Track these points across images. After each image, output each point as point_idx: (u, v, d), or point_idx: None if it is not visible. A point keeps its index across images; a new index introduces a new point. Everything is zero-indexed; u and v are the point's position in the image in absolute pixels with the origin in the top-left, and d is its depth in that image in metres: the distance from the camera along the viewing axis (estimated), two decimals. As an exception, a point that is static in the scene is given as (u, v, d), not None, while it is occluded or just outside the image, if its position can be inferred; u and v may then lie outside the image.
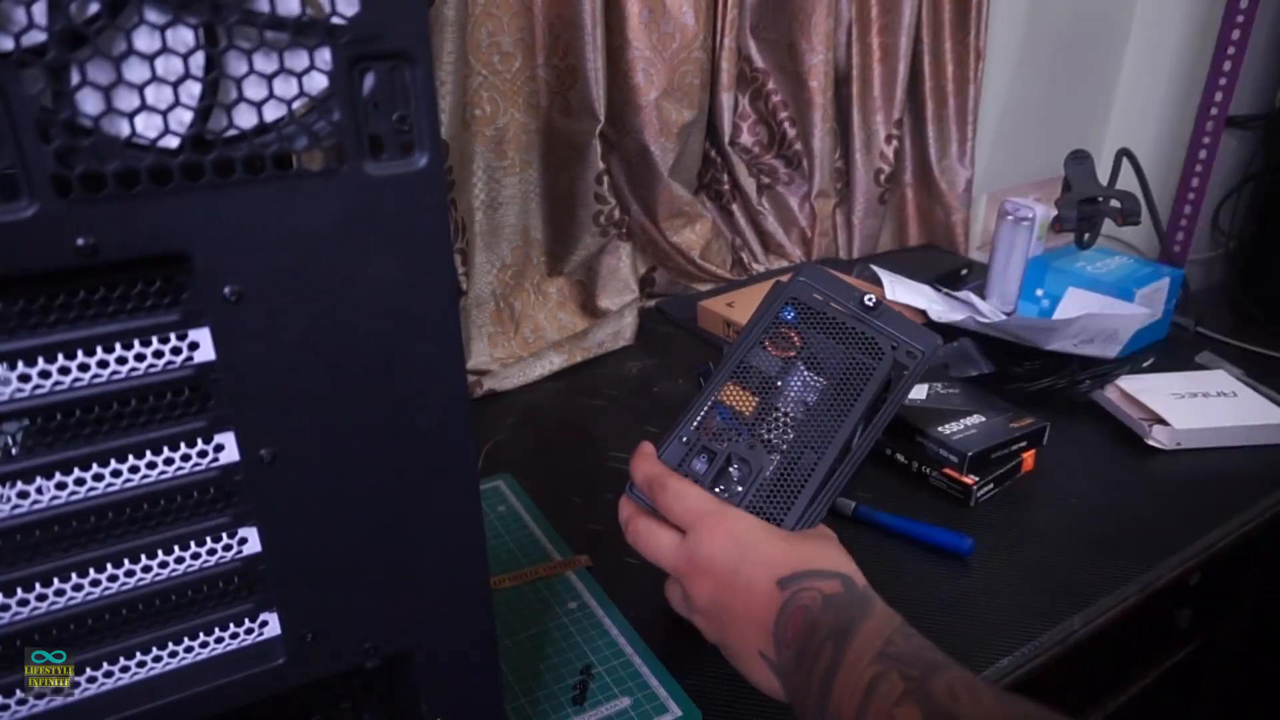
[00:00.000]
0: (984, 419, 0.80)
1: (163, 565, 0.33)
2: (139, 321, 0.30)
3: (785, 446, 0.53)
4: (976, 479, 0.76)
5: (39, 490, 0.30)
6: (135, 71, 0.27)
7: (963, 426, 0.79)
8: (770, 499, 0.51)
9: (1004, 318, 1.07)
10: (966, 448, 0.75)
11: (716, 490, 0.52)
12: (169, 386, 0.31)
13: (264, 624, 0.35)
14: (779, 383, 0.54)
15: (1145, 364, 1.00)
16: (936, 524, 0.73)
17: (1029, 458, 0.81)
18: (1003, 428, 0.79)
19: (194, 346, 0.30)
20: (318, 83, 0.29)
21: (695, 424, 0.55)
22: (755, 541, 0.47)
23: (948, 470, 0.77)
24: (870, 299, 0.55)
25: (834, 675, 0.40)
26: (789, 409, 0.53)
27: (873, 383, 0.53)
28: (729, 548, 0.47)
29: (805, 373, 0.54)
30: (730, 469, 0.53)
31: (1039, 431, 0.80)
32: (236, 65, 0.28)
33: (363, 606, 0.37)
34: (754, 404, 0.54)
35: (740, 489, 0.52)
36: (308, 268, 0.30)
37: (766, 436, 0.53)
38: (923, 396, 0.84)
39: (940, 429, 0.78)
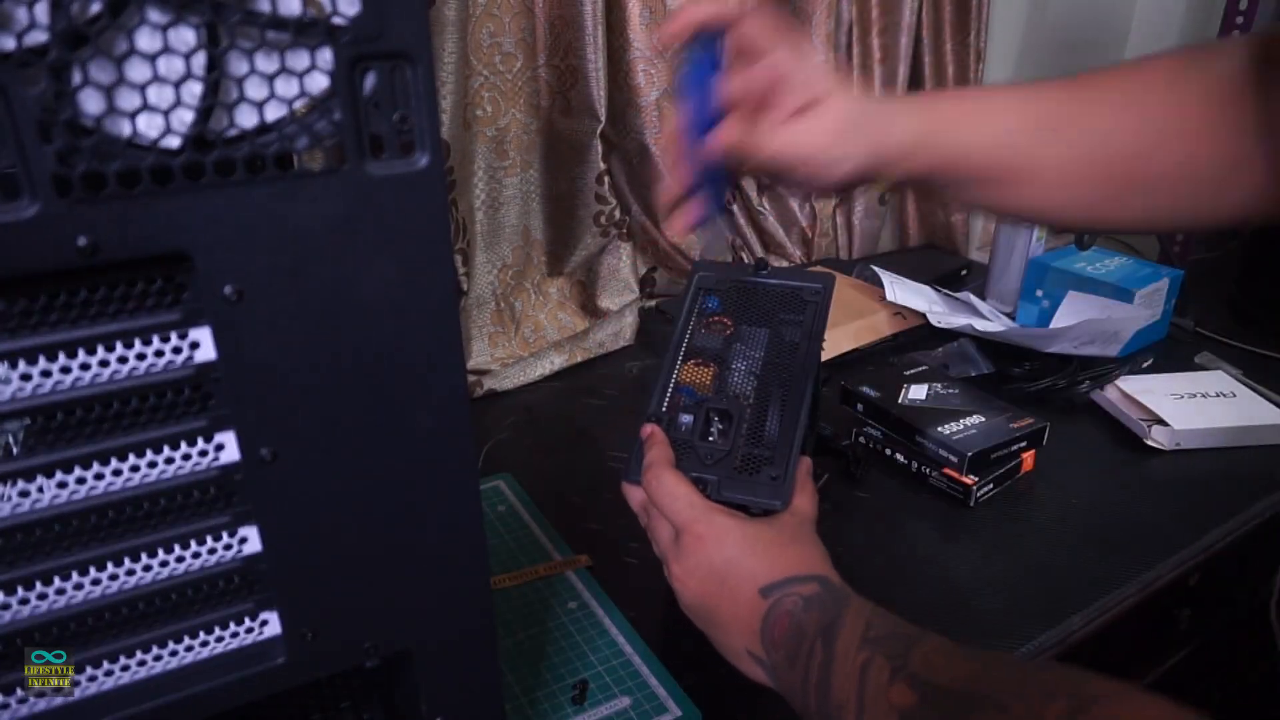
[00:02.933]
0: (984, 419, 0.80)
1: (163, 564, 0.33)
2: (140, 321, 0.30)
3: (752, 393, 0.58)
4: (976, 479, 0.76)
5: (40, 489, 0.30)
6: (137, 71, 0.27)
7: (962, 426, 0.79)
8: (758, 442, 0.56)
9: (1004, 320, 1.07)
10: (966, 448, 0.75)
11: (709, 439, 0.56)
12: (169, 386, 0.31)
13: (264, 623, 0.35)
14: (730, 347, 0.61)
15: (1145, 364, 1.00)
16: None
17: (1029, 458, 0.81)
18: (1003, 428, 0.79)
19: (194, 346, 0.30)
20: (319, 83, 0.29)
21: (664, 407, 0.59)
22: (740, 555, 0.49)
23: (948, 470, 0.77)
24: (761, 265, 0.64)
25: (830, 671, 0.42)
26: (746, 364, 0.60)
27: (806, 320, 0.61)
28: (714, 558, 0.50)
29: (749, 331, 0.62)
30: (713, 425, 0.57)
31: (1039, 432, 0.80)
32: (238, 65, 0.28)
33: (363, 606, 0.37)
34: (712, 372, 0.60)
35: (726, 441, 0.56)
36: (308, 267, 0.30)
37: (733, 392, 0.59)
38: (922, 396, 0.84)
39: (940, 429, 0.78)
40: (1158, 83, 0.52)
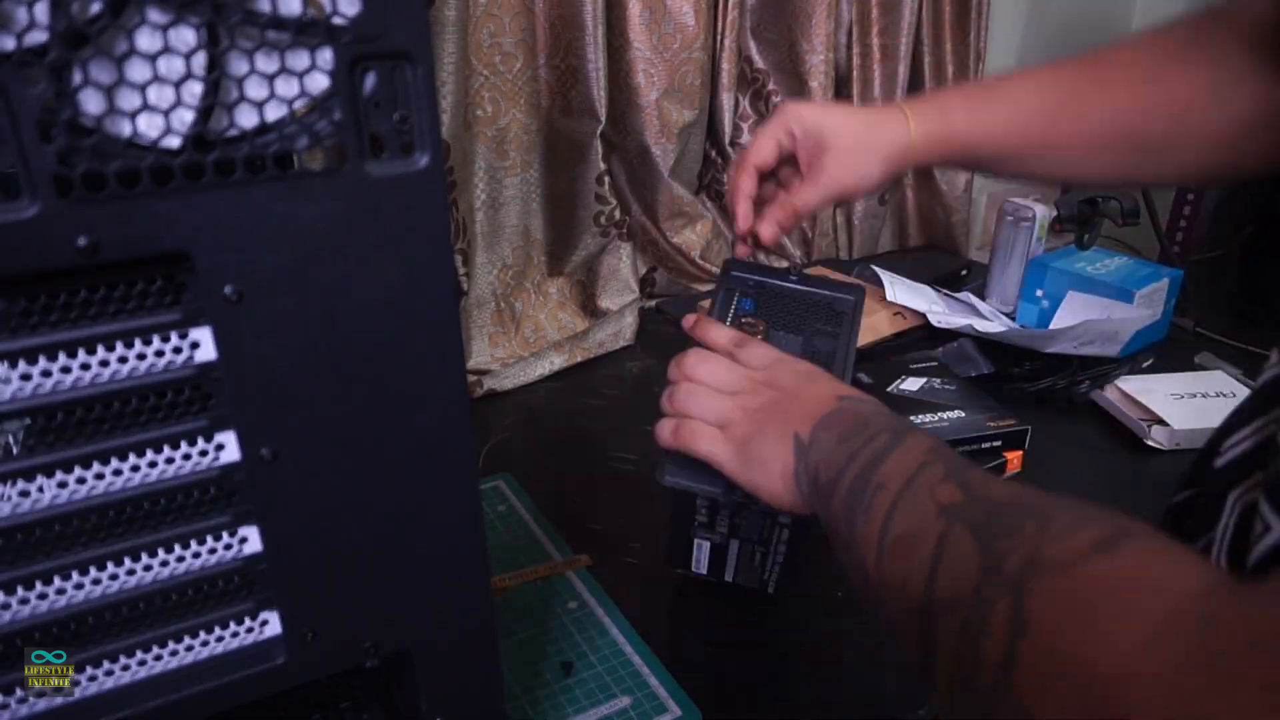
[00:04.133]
0: (964, 415, 0.80)
1: (163, 564, 0.33)
2: (140, 321, 0.30)
3: None
4: None
5: (40, 489, 0.30)
6: (137, 71, 0.27)
7: (936, 418, 0.78)
8: None
9: (1004, 320, 1.07)
10: None
11: None
12: (170, 385, 0.31)
13: (264, 623, 0.35)
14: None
15: (1145, 364, 1.00)
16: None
17: (1014, 458, 0.81)
18: (977, 424, 0.78)
19: (195, 346, 0.30)
20: (319, 83, 0.29)
21: None
22: (818, 373, 0.52)
23: None
24: (793, 271, 0.66)
25: (886, 455, 0.42)
26: None
27: (843, 332, 0.62)
28: (805, 372, 0.52)
29: (781, 336, 0.63)
30: None
31: (1019, 434, 0.80)
32: (238, 65, 0.28)
33: (363, 605, 0.37)
34: None
35: None
36: (308, 267, 0.30)
37: None
38: (915, 388, 0.84)
39: (912, 418, 0.78)
40: (1176, 47, 0.55)
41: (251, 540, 0.34)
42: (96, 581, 0.32)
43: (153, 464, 0.31)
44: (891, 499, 0.39)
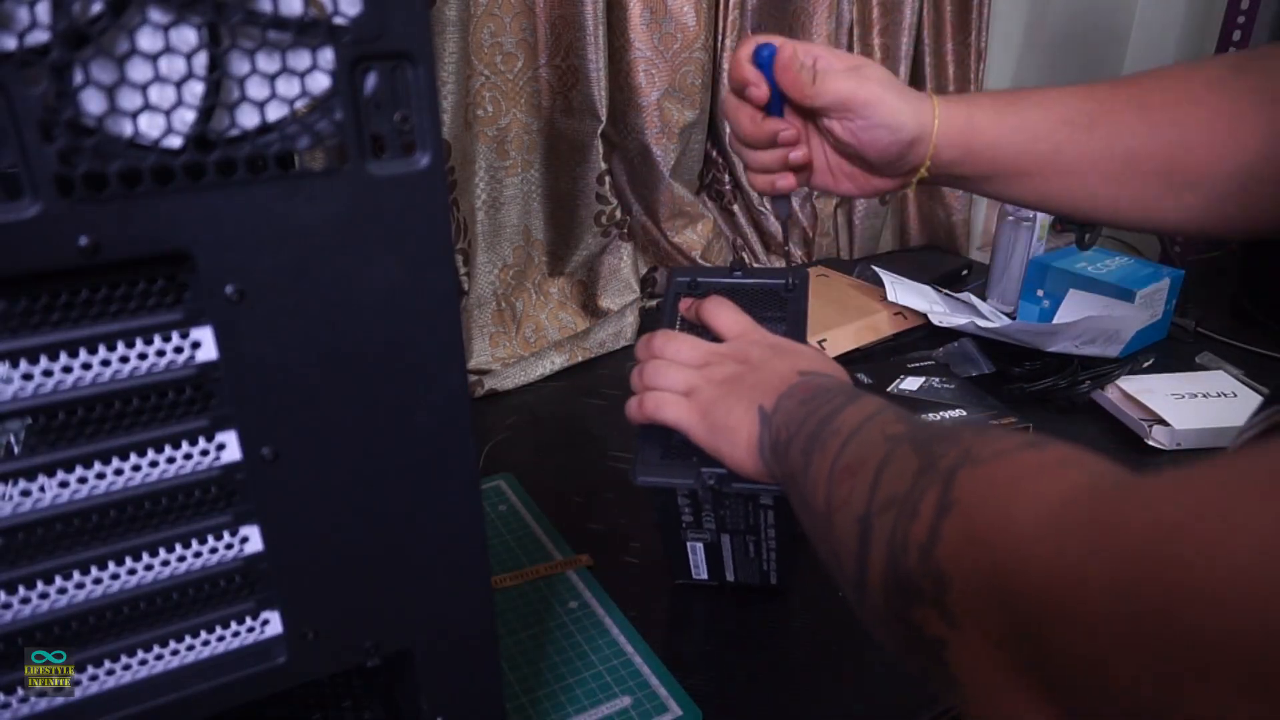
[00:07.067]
0: (964, 414, 0.80)
1: (164, 564, 0.33)
2: (141, 320, 0.30)
3: None
4: None
5: (41, 488, 0.30)
6: (138, 71, 0.27)
7: (938, 418, 0.79)
8: None
9: (1005, 319, 1.07)
10: None
11: None
12: (171, 385, 0.31)
13: (265, 622, 0.35)
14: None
15: (1145, 364, 1.00)
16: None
17: None
18: (978, 424, 0.79)
19: (196, 345, 0.31)
20: (320, 82, 0.29)
21: None
22: (793, 348, 0.54)
23: None
24: (735, 266, 0.66)
25: (843, 409, 0.43)
26: None
27: (788, 315, 0.63)
28: (770, 346, 0.54)
29: None
30: None
31: (1020, 432, 0.80)
32: (239, 65, 0.28)
33: (364, 605, 0.37)
34: None
35: None
36: (309, 267, 0.30)
37: None
38: (914, 388, 0.84)
39: None
40: (1204, 84, 0.52)
41: (252, 540, 0.34)
42: (97, 581, 0.32)
43: (154, 464, 0.31)
44: (843, 439, 0.41)
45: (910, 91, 0.58)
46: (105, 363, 0.30)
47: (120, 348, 0.30)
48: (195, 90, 0.28)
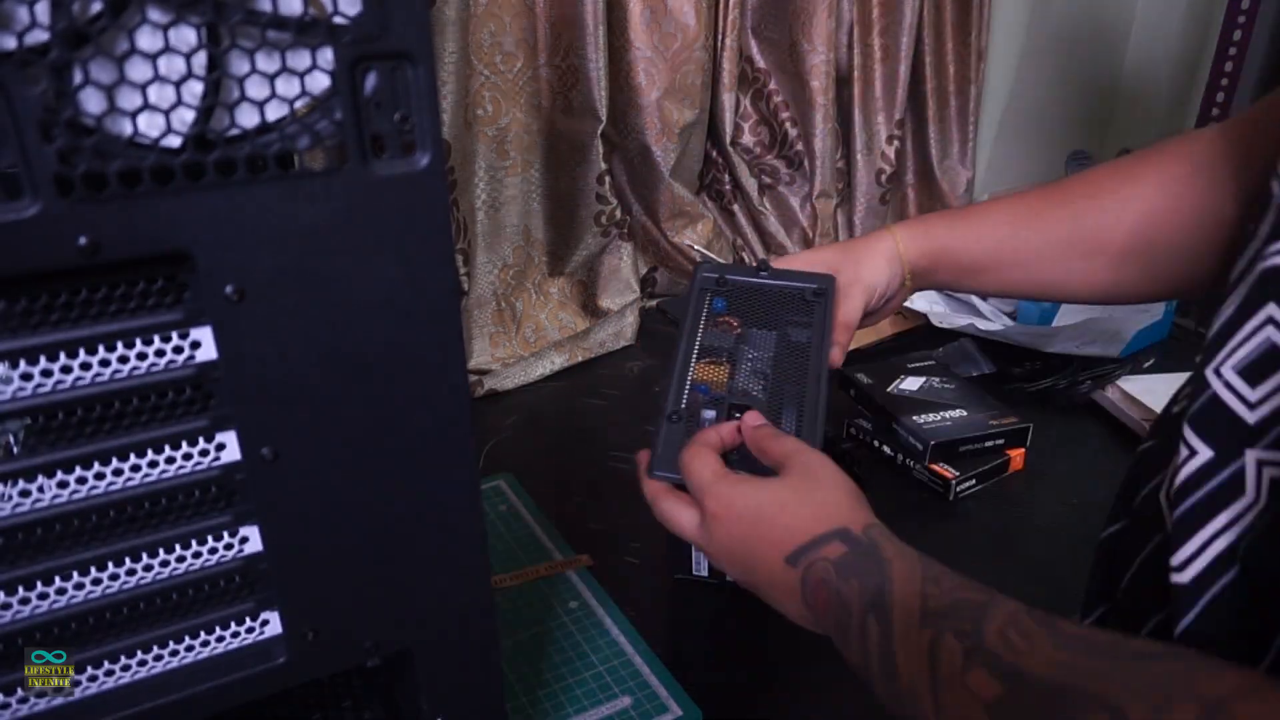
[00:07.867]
0: (965, 414, 0.80)
1: (164, 564, 0.33)
2: (141, 320, 0.30)
3: (763, 392, 0.59)
4: (958, 473, 0.76)
5: (40, 489, 0.30)
6: (138, 71, 0.27)
7: (939, 418, 0.79)
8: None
9: (1005, 320, 1.07)
10: (931, 436, 0.75)
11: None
12: (171, 385, 0.31)
13: (265, 623, 0.35)
14: (741, 348, 0.61)
15: (1146, 364, 1.00)
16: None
17: (1017, 456, 0.81)
18: (979, 423, 0.79)
19: (196, 345, 0.30)
20: (320, 82, 0.29)
21: (683, 404, 0.58)
22: (753, 528, 0.48)
23: (932, 465, 0.77)
24: (762, 265, 0.66)
25: (892, 652, 0.39)
26: (757, 364, 0.61)
27: (815, 321, 0.62)
28: (733, 533, 0.48)
29: (757, 333, 0.63)
30: (734, 416, 0.57)
31: (1020, 431, 0.80)
32: (239, 65, 0.28)
33: (364, 605, 0.37)
34: (726, 371, 0.60)
35: None
36: (309, 267, 0.30)
37: (747, 387, 0.59)
38: (914, 388, 0.84)
39: (915, 418, 0.78)
40: (1109, 173, 0.60)
41: (252, 540, 0.34)
42: (97, 582, 0.32)
43: (153, 464, 0.31)
44: (926, 686, 0.37)
45: (867, 249, 0.65)
46: (105, 363, 0.30)
47: (120, 348, 0.30)
48: (195, 90, 0.27)
